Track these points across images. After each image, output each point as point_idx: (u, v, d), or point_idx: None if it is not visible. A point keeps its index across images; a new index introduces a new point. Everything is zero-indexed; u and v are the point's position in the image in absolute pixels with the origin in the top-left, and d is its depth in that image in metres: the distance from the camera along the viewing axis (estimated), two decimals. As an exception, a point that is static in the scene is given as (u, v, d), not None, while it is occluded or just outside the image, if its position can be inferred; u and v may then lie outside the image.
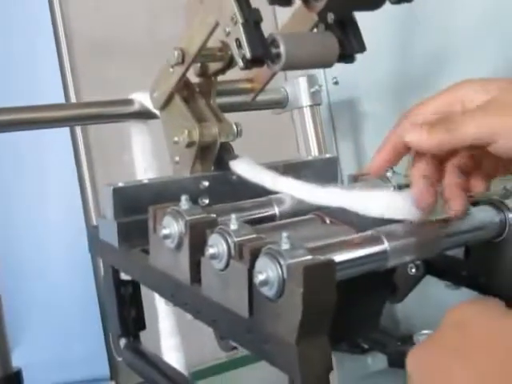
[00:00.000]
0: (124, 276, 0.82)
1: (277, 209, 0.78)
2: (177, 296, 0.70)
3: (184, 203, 0.67)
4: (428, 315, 1.15)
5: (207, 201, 0.83)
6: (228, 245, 0.60)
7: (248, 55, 0.69)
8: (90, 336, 1.53)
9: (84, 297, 1.54)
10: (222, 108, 0.88)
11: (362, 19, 0.80)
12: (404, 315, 1.24)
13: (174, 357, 1.06)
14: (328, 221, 0.69)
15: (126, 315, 0.83)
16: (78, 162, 1.54)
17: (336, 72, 1.35)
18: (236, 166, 0.82)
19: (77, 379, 1.52)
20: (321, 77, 1.36)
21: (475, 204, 0.75)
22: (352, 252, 0.61)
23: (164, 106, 0.86)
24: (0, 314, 0.92)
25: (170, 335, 1.06)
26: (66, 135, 1.52)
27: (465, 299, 0.89)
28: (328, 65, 0.78)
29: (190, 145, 0.82)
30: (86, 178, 1.54)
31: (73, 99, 1.51)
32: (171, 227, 0.67)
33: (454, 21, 1.12)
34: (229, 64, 0.84)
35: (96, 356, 1.53)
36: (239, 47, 0.70)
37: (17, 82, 1.46)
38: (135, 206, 0.77)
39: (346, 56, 0.78)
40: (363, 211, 0.67)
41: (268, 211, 0.78)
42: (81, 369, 1.52)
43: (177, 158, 0.85)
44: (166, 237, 0.67)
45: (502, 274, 0.74)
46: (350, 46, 0.78)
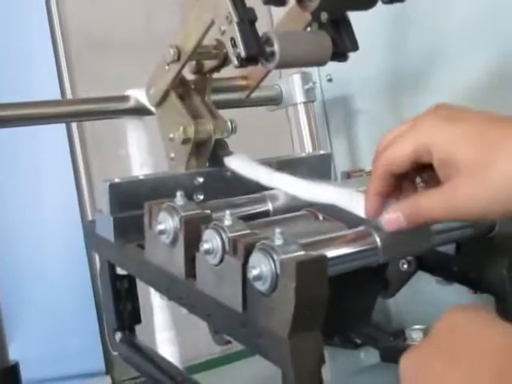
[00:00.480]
0: (120, 270, 0.82)
1: (270, 205, 0.79)
2: (172, 290, 0.71)
3: (179, 199, 0.68)
4: (420, 310, 1.16)
5: (202, 197, 0.84)
6: (222, 240, 0.61)
7: (243, 54, 0.70)
8: (86, 330, 1.54)
9: (79, 291, 1.54)
10: (217, 105, 0.89)
11: (355, 18, 0.81)
12: (396, 310, 1.25)
13: (169, 351, 1.06)
14: (321, 217, 0.70)
15: (122, 309, 0.84)
16: (74, 158, 1.54)
17: (330, 69, 1.36)
18: (231, 162, 0.83)
19: (72, 373, 1.52)
20: (315, 74, 1.37)
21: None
22: (344, 248, 0.62)
23: (160, 103, 0.87)
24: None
25: (165, 329, 1.07)
26: (62, 131, 1.52)
27: (455, 295, 0.90)
28: (321, 63, 0.79)
29: (186, 141, 0.83)
30: (82, 174, 1.54)
31: (69, 95, 1.51)
32: (166, 223, 0.68)
33: (447, 19, 1.13)
34: (224, 62, 0.85)
35: (91, 350, 1.53)
36: (234, 46, 0.71)
37: (12, 78, 1.46)
38: (131, 202, 0.78)
39: (340, 54, 0.79)
40: (350, 209, 0.67)
41: (262, 207, 0.79)
42: (76, 363, 1.52)
43: (172, 155, 0.86)
44: (162, 232, 0.68)
45: (492, 270, 0.75)
46: (343, 45, 0.79)
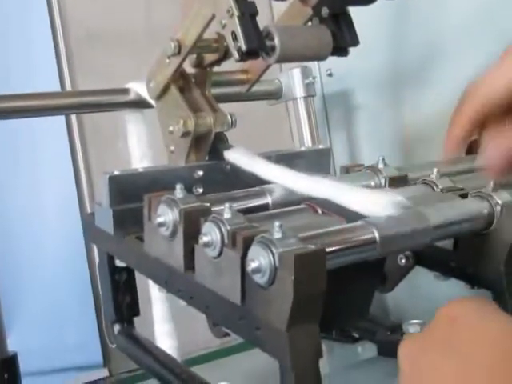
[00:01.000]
0: (119, 263, 0.83)
1: (269, 198, 0.79)
2: (170, 283, 0.72)
3: (179, 192, 0.68)
4: (417, 305, 1.16)
5: (201, 190, 0.84)
6: (221, 233, 0.61)
7: (243, 48, 0.70)
8: (84, 323, 1.54)
9: (78, 284, 1.54)
10: (217, 98, 0.89)
11: (356, 12, 0.81)
12: (393, 305, 1.25)
13: (167, 343, 1.07)
14: (319, 211, 0.71)
15: (121, 301, 0.84)
16: (73, 151, 1.55)
17: (330, 64, 1.36)
18: (230, 156, 0.83)
19: (70, 366, 1.52)
20: (315, 69, 1.37)
21: (464, 196, 0.77)
22: (343, 241, 0.62)
23: (160, 96, 0.87)
24: (-4, 299, 0.93)
25: (163, 322, 1.07)
26: (61, 124, 1.52)
27: (453, 290, 0.90)
28: (322, 58, 0.79)
29: (185, 134, 0.83)
30: (81, 167, 1.55)
31: (68, 87, 1.52)
32: (166, 215, 0.68)
33: (447, 14, 1.13)
34: (224, 55, 0.85)
35: (89, 343, 1.54)
36: (235, 40, 0.71)
37: (12, 70, 1.46)
38: (130, 194, 0.78)
39: (340, 49, 0.80)
40: (348, 205, 0.68)
41: (261, 201, 0.79)
42: (74, 356, 1.52)
43: (172, 148, 0.86)
44: (161, 225, 0.68)
45: (490, 265, 0.75)
46: (344, 40, 0.79)
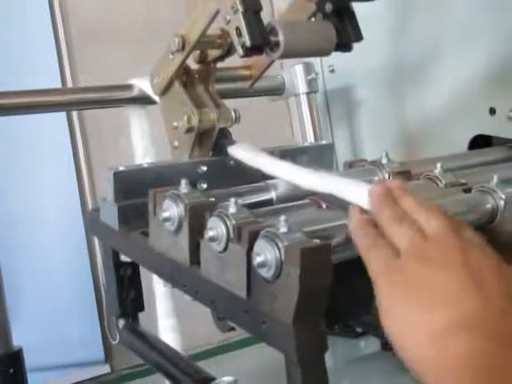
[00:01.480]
0: (123, 258, 0.83)
1: (274, 193, 0.80)
2: (176, 277, 0.72)
3: (184, 187, 0.69)
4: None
5: (205, 185, 0.84)
6: (227, 227, 0.62)
7: (248, 43, 0.71)
8: (85, 320, 1.54)
9: (79, 281, 1.55)
10: (220, 94, 0.89)
11: (358, 9, 0.81)
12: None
13: (170, 338, 1.07)
14: (324, 205, 0.71)
15: (125, 296, 0.84)
16: (74, 147, 1.55)
17: (332, 60, 1.36)
18: (234, 151, 0.84)
19: (71, 362, 1.53)
20: (317, 65, 1.37)
21: (468, 191, 0.77)
22: (347, 235, 0.62)
23: (164, 92, 0.87)
24: (1, 294, 0.93)
25: (167, 317, 1.07)
26: (63, 120, 1.52)
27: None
28: (326, 53, 0.80)
29: (189, 130, 0.83)
30: (82, 163, 1.55)
31: (69, 83, 1.52)
32: (171, 210, 0.68)
33: (449, 10, 1.13)
34: (228, 51, 0.85)
35: (91, 340, 1.54)
36: (239, 35, 0.71)
37: (13, 66, 1.46)
38: (135, 190, 0.79)
39: (344, 45, 0.80)
40: (353, 200, 0.68)
41: (265, 196, 0.80)
42: (76, 352, 1.53)
43: (176, 143, 0.86)
44: (166, 220, 0.69)
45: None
46: (347, 35, 0.79)
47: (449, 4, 1.13)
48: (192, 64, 0.89)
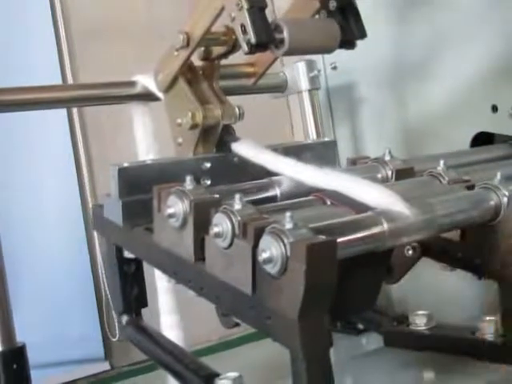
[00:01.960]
0: (127, 254, 0.83)
1: (278, 190, 0.80)
2: (180, 273, 0.72)
3: (189, 183, 0.69)
4: (422, 296, 1.17)
5: (209, 182, 0.85)
6: (232, 224, 0.62)
7: (253, 40, 0.71)
8: (85, 317, 1.55)
9: (79, 279, 1.55)
10: (223, 91, 0.90)
11: (360, 6, 0.82)
12: (398, 296, 1.25)
13: (172, 334, 1.07)
14: (328, 202, 0.71)
15: (129, 292, 0.84)
16: (75, 144, 1.55)
17: (334, 57, 1.36)
18: (238, 148, 0.84)
19: (71, 360, 1.53)
20: (319, 62, 1.37)
21: (471, 188, 0.77)
22: (353, 232, 0.62)
23: (168, 89, 0.87)
24: (5, 290, 0.93)
25: (169, 313, 1.07)
26: (63, 117, 1.52)
27: (458, 281, 0.91)
28: (330, 50, 0.80)
29: (194, 127, 0.84)
30: (82, 160, 1.55)
31: (70, 80, 1.52)
32: (176, 206, 0.68)
33: (451, 8, 1.13)
34: (232, 48, 0.85)
35: (91, 337, 1.54)
36: (244, 32, 0.72)
37: (14, 63, 1.46)
38: (139, 186, 0.79)
39: (347, 42, 0.80)
40: (358, 196, 0.68)
41: (269, 192, 0.80)
42: (75, 349, 1.53)
43: (180, 140, 0.86)
44: (171, 216, 0.69)
45: (497, 256, 0.76)
46: (351, 33, 0.79)
47: (451, 1, 1.14)
48: (196, 61, 0.89)
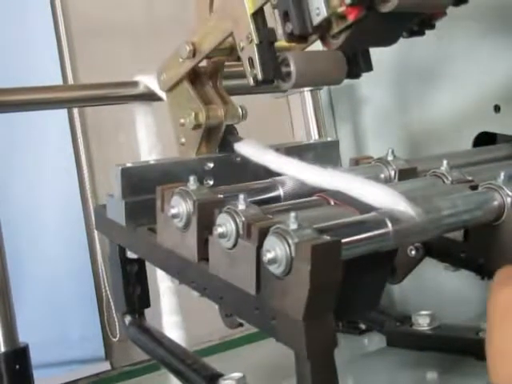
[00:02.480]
0: (130, 254, 0.83)
1: (281, 190, 0.80)
2: (183, 274, 0.72)
3: (192, 183, 0.69)
4: (425, 296, 1.17)
5: (212, 182, 0.84)
6: (236, 224, 0.62)
7: (259, 77, 0.71)
8: (86, 317, 1.55)
9: (80, 279, 1.55)
10: (227, 91, 0.89)
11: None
12: (401, 296, 1.26)
13: (175, 335, 1.07)
14: (332, 202, 0.71)
15: (132, 293, 0.84)
16: (75, 145, 1.55)
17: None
18: (241, 148, 0.84)
19: (72, 360, 1.53)
20: (322, 62, 1.37)
21: (474, 188, 0.77)
22: (357, 233, 0.62)
23: (171, 89, 0.87)
24: (8, 290, 0.93)
25: (171, 314, 1.07)
26: (64, 118, 1.52)
27: (462, 281, 0.91)
28: (336, 82, 0.78)
29: (197, 127, 0.83)
30: (83, 161, 1.55)
31: (70, 80, 1.52)
32: (179, 207, 0.68)
33: (455, 9, 1.13)
34: (238, 59, 0.84)
35: (91, 337, 1.55)
36: (252, 67, 0.71)
37: (14, 63, 1.46)
38: (142, 186, 0.79)
39: (353, 73, 0.79)
40: (362, 196, 0.68)
41: (273, 193, 0.80)
42: (76, 349, 1.53)
43: (183, 140, 0.86)
44: (175, 216, 0.69)
45: (500, 257, 0.75)
46: (358, 66, 0.78)
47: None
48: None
